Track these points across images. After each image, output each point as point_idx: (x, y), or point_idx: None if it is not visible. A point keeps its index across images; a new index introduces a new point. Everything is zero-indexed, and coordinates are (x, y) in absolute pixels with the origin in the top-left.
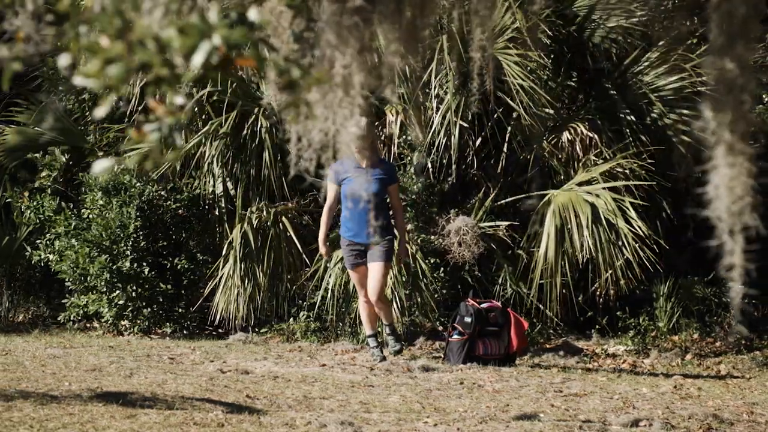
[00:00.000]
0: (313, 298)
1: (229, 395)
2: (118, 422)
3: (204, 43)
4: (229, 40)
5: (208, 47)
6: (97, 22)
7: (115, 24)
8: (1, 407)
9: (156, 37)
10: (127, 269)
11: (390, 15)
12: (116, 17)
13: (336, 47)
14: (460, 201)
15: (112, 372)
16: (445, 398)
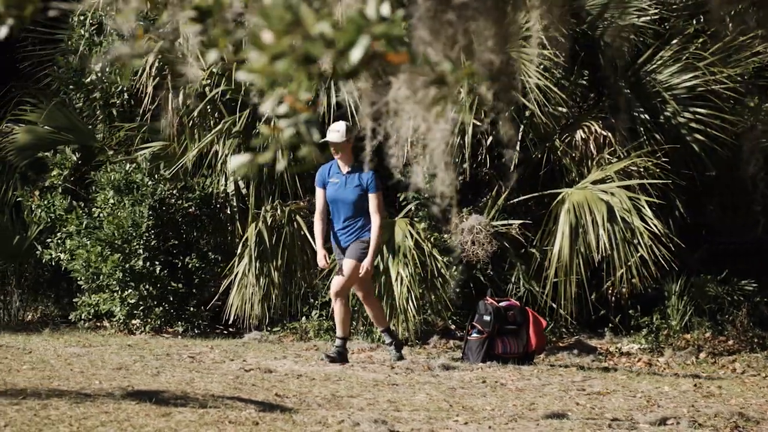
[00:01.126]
0: (325, 296)
1: (258, 394)
2: (153, 420)
3: (362, 38)
4: (388, 35)
5: (366, 42)
6: (266, 17)
7: (285, 19)
8: (38, 405)
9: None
10: (140, 268)
11: (487, 11)
12: (287, 12)
13: (429, 44)
14: (471, 199)
15: (138, 370)
16: (470, 397)
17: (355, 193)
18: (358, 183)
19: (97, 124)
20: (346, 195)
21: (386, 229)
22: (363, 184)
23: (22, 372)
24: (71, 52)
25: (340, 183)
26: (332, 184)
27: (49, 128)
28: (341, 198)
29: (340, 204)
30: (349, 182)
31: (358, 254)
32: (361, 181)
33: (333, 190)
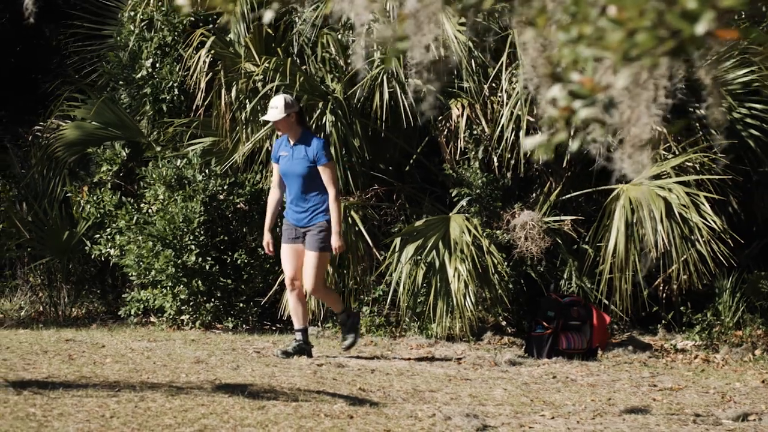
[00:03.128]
0: (374, 292)
1: (342, 388)
2: (250, 413)
3: (707, 11)
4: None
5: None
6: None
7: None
8: (136, 397)
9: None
10: (192, 264)
11: None
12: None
13: None
14: (521, 195)
15: (217, 364)
16: (545, 392)
17: (303, 166)
18: (305, 154)
19: (143, 119)
20: (294, 167)
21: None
22: (310, 156)
23: (107, 365)
24: (120, 47)
25: (288, 156)
26: (283, 158)
27: (97, 124)
28: (290, 171)
29: (289, 178)
30: (296, 154)
31: (317, 245)
32: (308, 152)
33: (283, 164)
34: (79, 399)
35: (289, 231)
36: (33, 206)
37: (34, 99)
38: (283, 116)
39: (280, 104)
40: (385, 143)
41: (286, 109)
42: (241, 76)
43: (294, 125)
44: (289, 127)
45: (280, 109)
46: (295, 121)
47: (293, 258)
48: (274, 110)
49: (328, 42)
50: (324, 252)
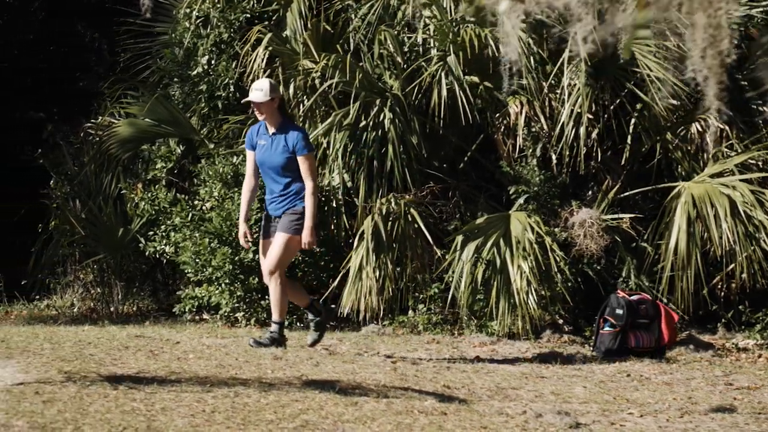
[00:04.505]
0: (430, 290)
1: (426, 385)
2: (345, 409)
3: None
4: None
5: None
6: None
7: None
8: (231, 393)
9: None
10: (249, 261)
11: None
12: None
13: None
14: (577, 193)
15: (296, 361)
16: (623, 390)
17: (283, 156)
18: (285, 144)
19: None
20: (273, 158)
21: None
22: (290, 146)
23: (191, 361)
24: (174, 44)
25: (266, 145)
26: (260, 146)
27: (150, 121)
28: (268, 161)
29: (267, 168)
30: (276, 143)
31: (290, 227)
32: (288, 142)
33: (260, 153)
34: (176, 394)
35: (267, 225)
36: (87, 203)
37: (80, 96)
38: (268, 99)
39: (266, 87)
40: (440, 141)
41: (271, 93)
42: (299, 73)
43: (275, 111)
44: (271, 112)
45: (265, 91)
46: (276, 107)
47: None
48: (258, 92)
49: (386, 38)
50: (295, 236)
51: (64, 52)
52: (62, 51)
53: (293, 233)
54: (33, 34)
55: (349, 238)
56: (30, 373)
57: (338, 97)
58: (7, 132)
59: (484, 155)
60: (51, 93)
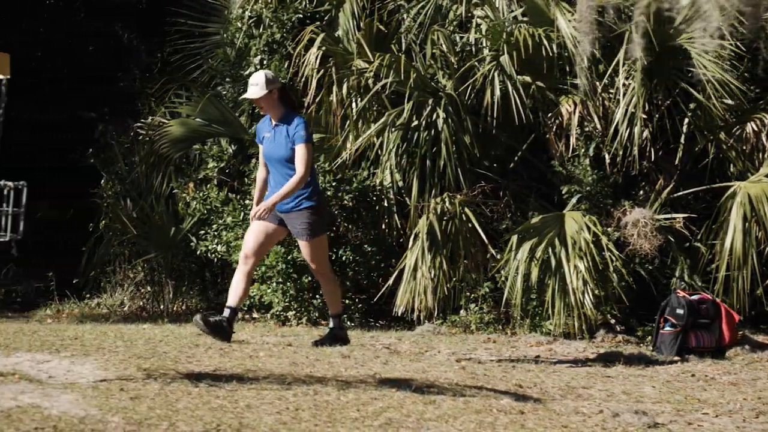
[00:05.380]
0: (481, 289)
1: (498, 383)
2: (424, 407)
3: None
4: None
5: None
6: None
7: None
8: (310, 391)
9: None
10: (301, 260)
11: None
12: None
13: None
14: (628, 193)
15: (364, 360)
16: (691, 390)
17: (286, 147)
18: (287, 135)
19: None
20: (277, 150)
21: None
22: (290, 136)
23: (263, 359)
24: (226, 45)
25: (270, 137)
26: (266, 140)
27: (201, 121)
28: (273, 154)
29: (273, 160)
30: (278, 135)
31: (305, 233)
32: (289, 132)
33: (266, 146)
34: (257, 392)
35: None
36: (138, 203)
37: (123, 97)
38: (264, 93)
39: (261, 80)
40: (491, 140)
41: (268, 86)
42: (352, 73)
43: (276, 103)
44: (271, 104)
45: (261, 85)
46: (277, 98)
47: (258, 234)
48: (254, 87)
49: (438, 38)
50: (315, 239)
51: (102, 52)
52: (100, 51)
53: (313, 236)
54: (74, 33)
55: (399, 238)
56: (109, 370)
57: (390, 97)
58: (57, 131)
59: (535, 155)
60: (97, 93)
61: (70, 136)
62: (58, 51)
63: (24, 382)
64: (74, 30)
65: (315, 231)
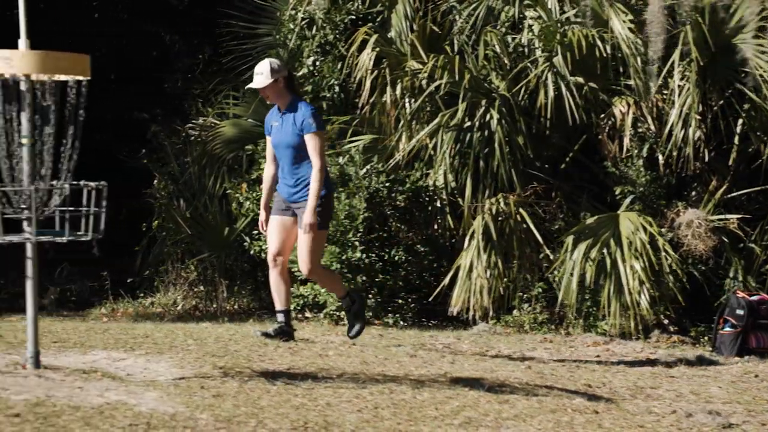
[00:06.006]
0: (534, 289)
1: (566, 383)
2: (500, 407)
3: None
4: None
5: None
6: None
7: None
8: (386, 390)
9: None
10: (356, 260)
11: None
12: None
13: None
14: (681, 193)
15: (431, 359)
16: (757, 390)
17: (293, 136)
18: (294, 123)
19: None
20: (285, 137)
21: None
22: (298, 124)
23: (333, 358)
24: (278, 46)
25: (278, 125)
26: (274, 128)
27: (254, 121)
28: (280, 142)
29: (280, 149)
30: (286, 123)
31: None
32: (297, 120)
33: (274, 134)
34: (333, 390)
35: (279, 203)
36: (191, 203)
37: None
38: (270, 82)
39: (266, 69)
40: (544, 141)
41: (273, 75)
42: (406, 74)
43: (283, 91)
44: (278, 93)
45: (266, 74)
46: (283, 86)
47: (279, 232)
48: (259, 76)
49: (491, 39)
50: (318, 231)
51: (145, 53)
52: (143, 52)
53: (316, 227)
54: (118, 34)
55: (452, 238)
56: (185, 368)
57: (443, 97)
58: (105, 131)
59: (587, 155)
60: (142, 93)
61: (119, 137)
62: (103, 52)
63: (107, 379)
64: (118, 30)
65: (320, 222)
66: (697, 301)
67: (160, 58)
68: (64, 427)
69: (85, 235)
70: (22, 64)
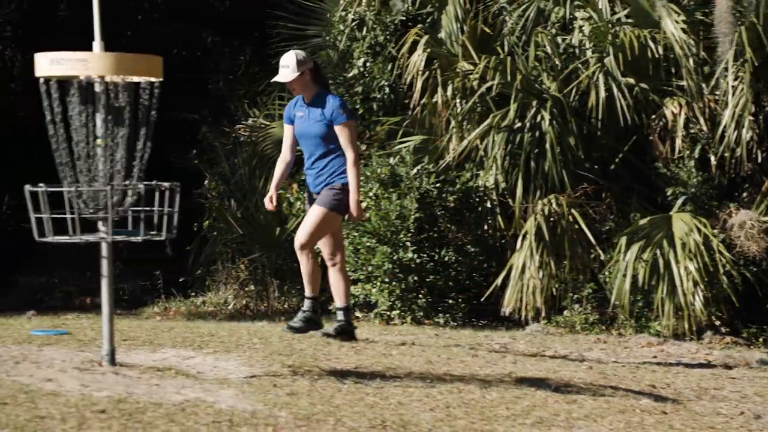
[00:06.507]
0: (584, 290)
1: (630, 384)
2: (569, 406)
3: None
4: None
5: None
6: None
7: None
8: (454, 389)
9: None
10: (408, 260)
11: None
12: None
13: None
14: (732, 194)
15: (494, 359)
16: None
17: (320, 127)
18: (322, 114)
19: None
20: (310, 129)
21: None
22: (327, 116)
23: (397, 357)
24: (328, 47)
25: (304, 116)
26: (298, 118)
27: None
28: (305, 132)
29: (305, 140)
30: (312, 114)
31: (328, 201)
32: (325, 111)
33: (298, 125)
34: (403, 389)
35: (309, 198)
36: (242, 203)
37: (216, 99)
38: (297, 75)
39: (292, 62)
40: (593, 142)
41: (299, 67)
42: (458, 75)
43: (309, 83)
44: (304, 85)
45: (293, 67)
46: (310, 78)
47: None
48: (285, 69)
49: (542, 40)
50: (332, 212)
51: (187, 55)
52: (185, 54)
53: (331, 208)
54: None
55: (502, 239)
56: (254, 366)
57: (494, 98)
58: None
59: (637, 156)
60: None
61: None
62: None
63: (181, 377)
64: (160, 31)
65: (338, 206)
66: (748, 302)
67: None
68: (150, 423)
69: (159, 235)
70: (98, 65)
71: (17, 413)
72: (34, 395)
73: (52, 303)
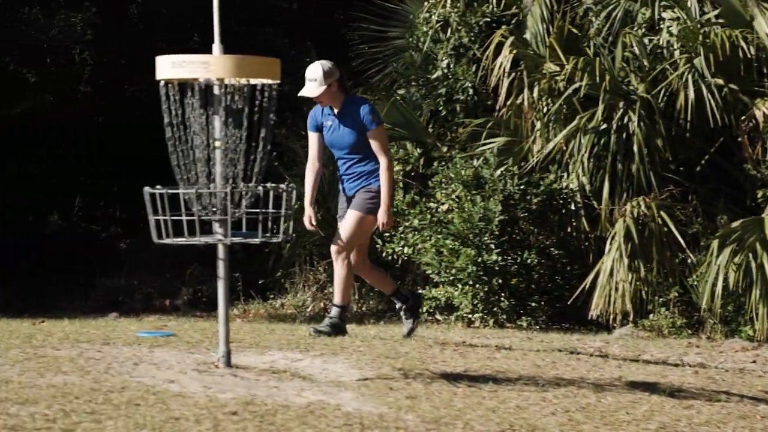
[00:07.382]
0: (671, 293)
1: (741, 389)
2: (686, 412)
3: None
4: None
5: None
6: None
7: None
8: (568, 393)
9: None
10: (492, 263)
11: None
12: None
13: None
14: None
15: (598, 363)
16: None
17: (351, 134)
18: (352, 121)
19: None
20: (341, 138)
21: None
22: (358, 124)
23: (502, 360)
24: (410, 48)
25: (333, 125)
26: (326, 127)
27: (386, 124)
28: (337, 142)
29: (337, 149)
30: (343, 123)
31: (363, 205)
32: (355, 118)
33: (327, 134)
34: (518, 393)
35: (343, 203)
36: (323, 205)
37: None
38: (324, 88)
39: (318, 75)
40: (680, 143)
41: (326, 80)
42: (544, 76)
43: (336, 94)
44: (332, 97)
45: (319, 80)
46: (337, 89)
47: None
48: (312, 83)
49: (630, 41)
50: (368, 216)
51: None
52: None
53: (366, 212)
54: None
55: (586, 241)
56: (364, 369)
57: (580, 100)
58: None
59: (725, 157)
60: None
61: None
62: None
63: (297, 379)
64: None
65: (373, 209)
66: None
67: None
68: (283, 425)
69: (276, 237)
70: (219, 68)
71: (152, 414)
72: (162, 396)
73: (133, 305)
